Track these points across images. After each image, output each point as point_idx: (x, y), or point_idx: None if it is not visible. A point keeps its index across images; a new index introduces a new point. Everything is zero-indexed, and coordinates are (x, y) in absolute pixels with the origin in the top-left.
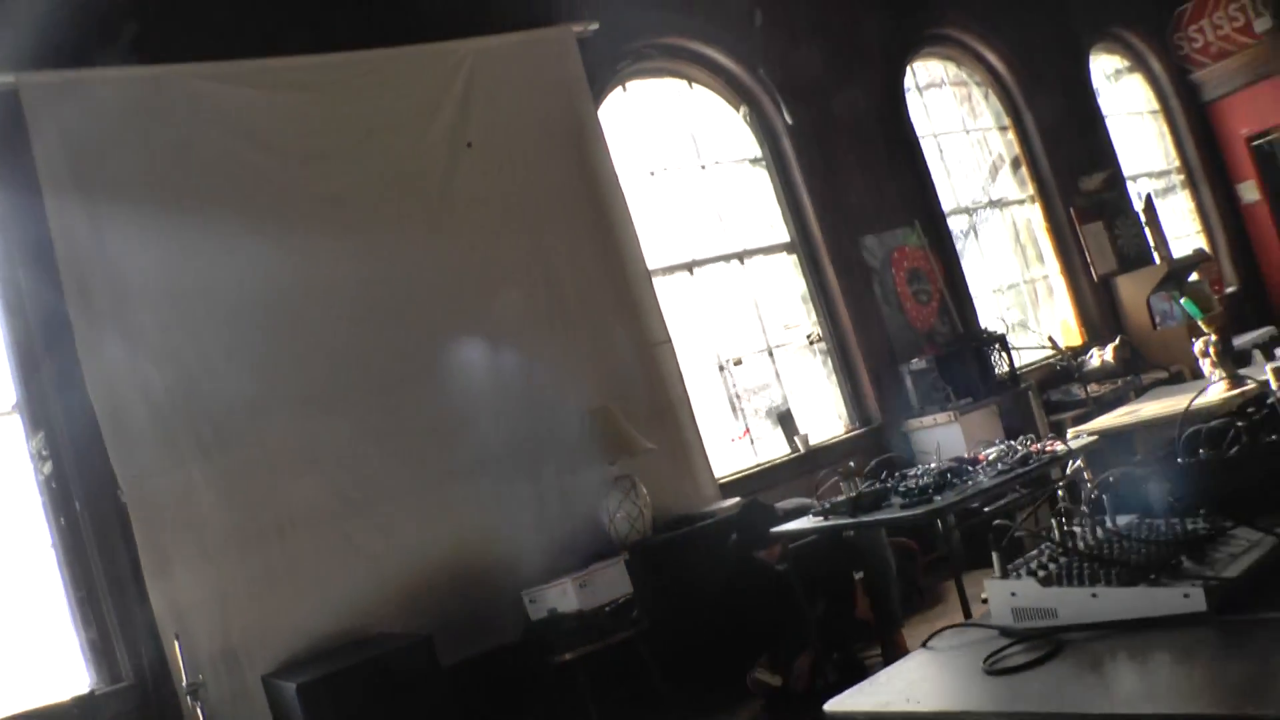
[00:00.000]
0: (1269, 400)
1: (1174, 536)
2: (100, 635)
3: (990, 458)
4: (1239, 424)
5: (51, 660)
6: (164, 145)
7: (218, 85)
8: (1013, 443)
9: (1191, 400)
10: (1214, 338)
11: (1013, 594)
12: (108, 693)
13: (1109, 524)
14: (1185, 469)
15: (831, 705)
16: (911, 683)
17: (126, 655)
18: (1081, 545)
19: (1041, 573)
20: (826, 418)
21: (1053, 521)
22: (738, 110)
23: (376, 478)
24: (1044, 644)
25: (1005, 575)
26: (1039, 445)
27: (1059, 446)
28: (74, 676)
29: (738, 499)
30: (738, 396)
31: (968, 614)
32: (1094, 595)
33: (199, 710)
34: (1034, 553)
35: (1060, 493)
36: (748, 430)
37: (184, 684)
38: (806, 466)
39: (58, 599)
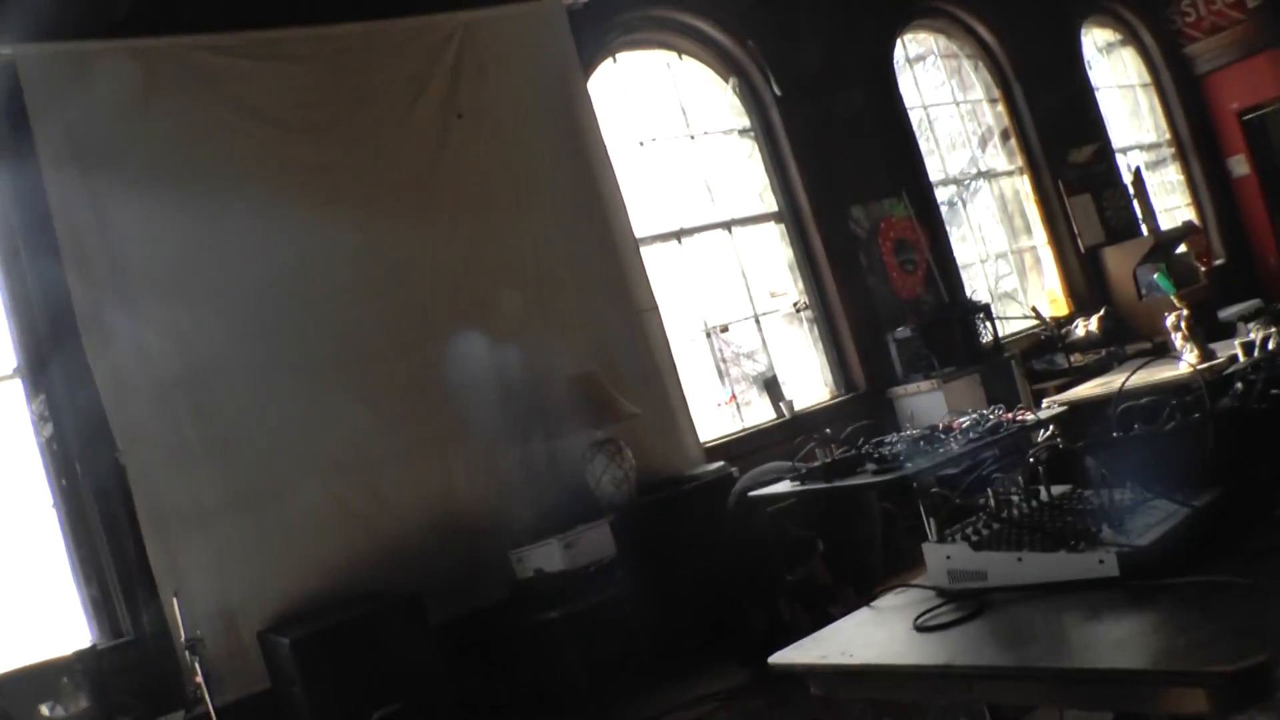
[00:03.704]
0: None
1: (1099, 506)
2: (101, 592)
3: (963, 426)
4: (1173, 402)
5: (54, 616)
6: (160, 117)
7: (213, 57)
8: (984, 411)
9: (1126, 379)
10: (1185, 312)
11: (948, 557)
12: (109, 647)
13: (1043, 494)
14: (1118, 444)
15: (775, 658)
16: (849, 639)
17: (126, 611)
18: (1015, 513)
19: (975, 537)
20: (812, 384)
21: (989, 490)
22: (726, 82)
23: (368, 442)
24: (970, 603)
25: (941, 540)
26: (1010, 414)
27: (1029, 416)
28: (76, 632)
29: (721, 463)
30: (724, 363)
31: None
32: (1020, 559)
33: (197, 665)
34: (971, 519)
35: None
36: (734, 396)
37: (182, 639)
38: (792, 432)
39: (59, 557)
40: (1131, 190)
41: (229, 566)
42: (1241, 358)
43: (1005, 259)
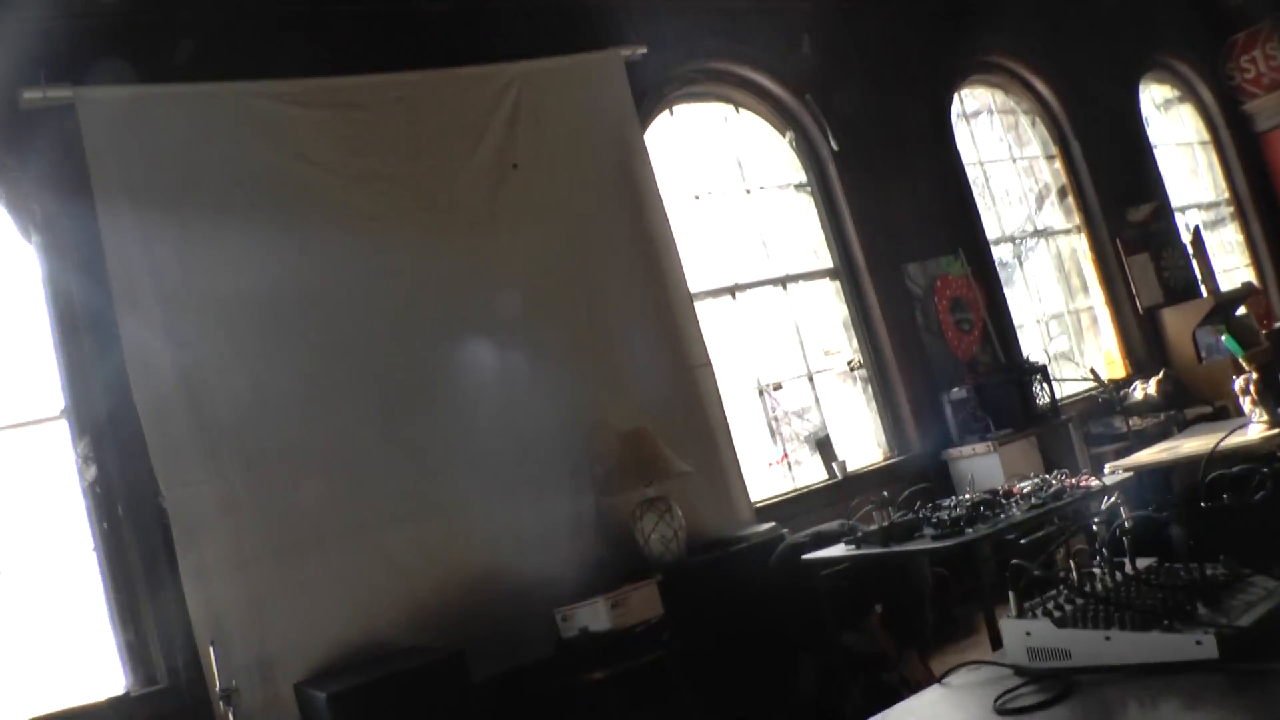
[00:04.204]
0: None
1: (1191, 582)
2: (137, 638)
3: (1024, 491)
4: (1264, 470)
5: (89, 661)
6: (215, 159)
7: (269, 103)
8: (1047, 476)
9: (1217, 444)
10: (1254, 375)
11: (1028, 633)
12: (142, 695)
13: (1128, 567)
14: (1207, 514)
15: None
16: None
17: (162, 658)
18: (1100, 587)
19: (1057, 613)
20: (865, 445)
21: (1070, 562)
22: (784, 136)
23: (414, 492)
24: (1055, 685)
25: (1021, 614)
26: (1073, 480)
27: (1093, 482)
28: (110, 678)
29: (773, 524)
30: (776, 421)
31: (997, 648)
32: (1107, 638)
33: (231, 715)
34: (1051, 593)
35: (1095, 528)
36: (786, 455)
37: (217, 689)
38: (844, 493)
39: (97, 601)
40: (1190, 250)
41: (268, 616)
42: None
43: (1059, 320)
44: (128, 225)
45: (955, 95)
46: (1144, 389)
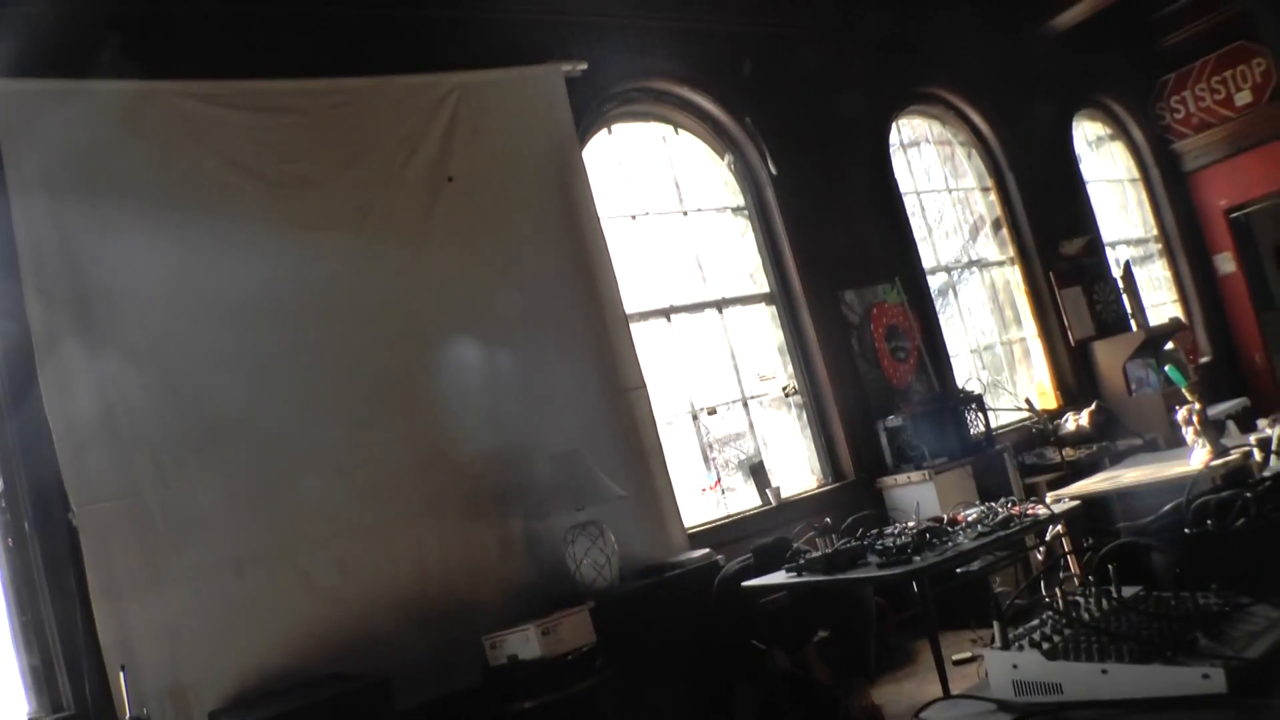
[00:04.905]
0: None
1: (1187, 611)
2: (43, 662)
3: (970, 519)
4: (1247, 495)
5: None
6: (140, 160)
7: (199, 104)
8: (993, 504)
9: (1200, 469)
10: (1197, 406)
11: (1014, 666)
12: None
13: (1115, 595)
14: (1194, 540)
15: None
16: None
17: (69, 684)
18: (1086, 616)
19: (1046, 645)
20: (799, 471)
21: (1056, 590)
22: (722, 159)
23: (339, 515)
24: None
25: (1007, 646)
26: (1020, 508)
27: (1040, 510)
28: (12, 704)
29: (708, 550)
30: (710, 446)
31: (943, 677)
32: (1104, 671)
33: None
34: (1035, 623)
35: (1039, 556)
36: (719, 481)
37: (128, 717)
38: (778, 520)
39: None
40: (1121, 285)
41: (183, 641)
42: (1258, 455)
43: (991, 350)
44: (44, 223)
45: (894, 124)
46: (1076, 420)
